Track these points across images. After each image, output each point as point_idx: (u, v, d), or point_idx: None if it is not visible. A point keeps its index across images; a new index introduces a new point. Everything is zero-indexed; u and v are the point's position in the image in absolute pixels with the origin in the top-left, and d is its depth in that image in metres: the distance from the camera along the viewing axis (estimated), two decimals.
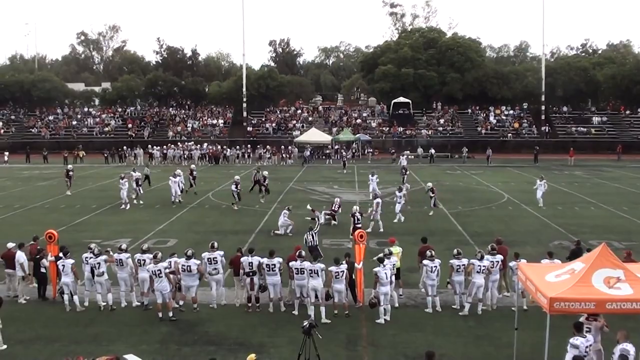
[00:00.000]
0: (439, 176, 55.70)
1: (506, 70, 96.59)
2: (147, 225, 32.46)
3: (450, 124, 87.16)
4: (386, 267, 18.40)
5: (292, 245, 23.67)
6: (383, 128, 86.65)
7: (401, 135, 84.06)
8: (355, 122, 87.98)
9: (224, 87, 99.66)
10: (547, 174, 55.72)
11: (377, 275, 18.22)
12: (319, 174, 56.85)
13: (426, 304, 19.29)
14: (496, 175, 56.10)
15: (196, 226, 32.38)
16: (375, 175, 43.36)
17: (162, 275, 18.53)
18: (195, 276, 19.21)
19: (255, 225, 32.42)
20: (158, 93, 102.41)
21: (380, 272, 18.22)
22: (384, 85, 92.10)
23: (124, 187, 38.46)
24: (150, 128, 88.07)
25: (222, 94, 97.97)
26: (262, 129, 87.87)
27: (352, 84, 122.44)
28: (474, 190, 46.72)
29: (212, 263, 19.71)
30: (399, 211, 32.91)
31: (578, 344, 12.90)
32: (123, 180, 38.60)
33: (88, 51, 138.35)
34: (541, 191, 38.64)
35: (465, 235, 30.05)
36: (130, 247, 26.29)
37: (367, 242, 21.11)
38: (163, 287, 18.51)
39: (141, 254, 19.77)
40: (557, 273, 13.52)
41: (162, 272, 18.56)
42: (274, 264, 19.04)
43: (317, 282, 18.44)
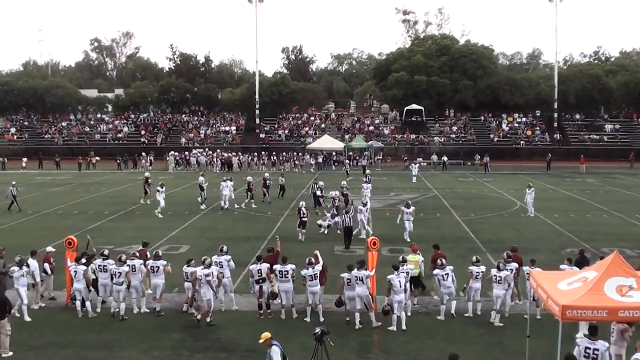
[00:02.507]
0: (451, 183, 55.65)
1: (519, 77, 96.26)
2: (159, 231, 32.57)
3: (462, 131, 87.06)
4: (400, 275, 18.36)
5: (305, 252, 23.72)
6: (395, 135, 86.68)
7: (414, 142, 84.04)
8: (367, 129, 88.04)
9: (236, 94, 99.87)
10: (559, 182, 55.78)
11: (391, 283, 18.21)
12: (332, 181, 56.79)
13: (439, 311, 19.26)
14: (508, 182, 55.93)
15: (209, 232, 32.48)
16: (369, 183, 42.27)
17: (203, 281, 18.60)
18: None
19: (268, 231, 32.46)
20: (171, 99, 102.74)
21: (394, 279, 18.21)
22: (396, 92, 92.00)
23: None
24: (163, 134, 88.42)
25: (235, 101, 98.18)
26: (274, 135, 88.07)
27: (364, 90, 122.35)
28: (486, 197, 46.62)
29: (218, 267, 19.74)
30: (409, 229, 30.43)
31: (582, 344, 13.00)
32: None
33: (101, 57, 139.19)
34: (530, 199, 38.39)
35: (477, 242, 29.99)
36: None
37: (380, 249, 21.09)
38: (204, 292, 18.60)
39: (154, 260, 19.84)
40: (569, 281, 13.50)
41: (210, 276, 18.63)
42: (287, 270, 19.06)
43: (362, 289, 18.48)
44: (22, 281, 19.09)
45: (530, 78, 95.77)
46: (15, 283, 19.06)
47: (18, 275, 19.03)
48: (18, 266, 19.17)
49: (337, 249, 27.57)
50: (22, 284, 19.03)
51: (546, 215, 37.68)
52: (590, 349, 13.04)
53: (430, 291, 21.10)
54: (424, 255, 21.35)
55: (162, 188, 39.07)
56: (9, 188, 40.38)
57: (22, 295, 18.99)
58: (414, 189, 51.05)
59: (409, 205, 30.73)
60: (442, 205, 41.58)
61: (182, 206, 40.43)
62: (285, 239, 29.26)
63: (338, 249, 27.63)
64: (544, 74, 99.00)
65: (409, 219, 30.17)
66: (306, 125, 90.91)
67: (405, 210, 30.40)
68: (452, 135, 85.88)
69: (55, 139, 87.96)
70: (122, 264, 19.44)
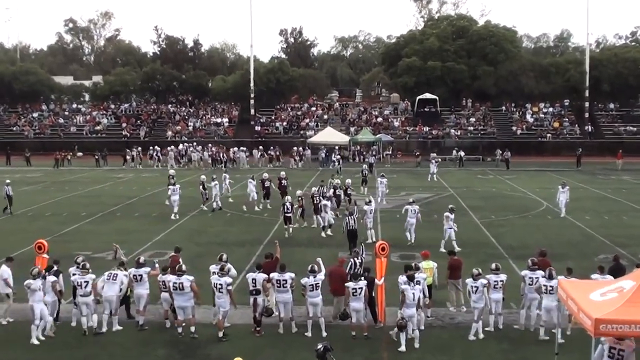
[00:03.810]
0: (468, 181, 55.61)
1: (545, 62, 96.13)
2: (143, 235, 32.55)
3: (481, 123, 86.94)
4: (415, 287, 18.13)
5: (305, 259, 23.66)
6: (407, 127, 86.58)
7: (427, 135, 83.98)
8: (375, 121, 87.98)
9: (229, 82, 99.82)
10: (591, 179, 55.67)
11: (405, 294, 18.00)
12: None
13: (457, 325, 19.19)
14: (533, 180, 55.84)
15: (198, 236, 32.45)
16: (384, 178, 43.96)
17: (223, 290, 18.56)
18: (188, 295, 18.84)
19: (264, 235, 32.45)
20: (156, 88, 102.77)
21: (408, 291, 17.98)
22: (407, 80, 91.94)
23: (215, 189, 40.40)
24: (146, 127, 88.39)
25: (227, 90, 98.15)
26: (271, 128, 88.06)
27: (372, 78, 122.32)
28: (508, 197, 46.55)
29: None
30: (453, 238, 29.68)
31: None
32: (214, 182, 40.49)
33: (77, 40, 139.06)
34: (564, 199, 38.34)
35: (498, 247, 29.92)
36: None
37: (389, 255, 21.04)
38: (222, 303, 18.55)
39: (136, 267, 19.76)
40: (603, 291, 13.41)
41: (224, 286, 18.58)
42: (285, 279, 18.97)
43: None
44: (38, 296, 18.57)
45: (558, 63, 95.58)
46: (30, 299, 18.63)
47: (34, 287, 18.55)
48: (34, 278, 18.65)
49: (341, 255, 27.46)
50: (37, 299, 18.54)
51: (576, 217, 37.59)
52: (616, 349, 12.98)
53: (447, 302, 21.04)
54: (439, 263, 21.28)
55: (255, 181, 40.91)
56: (4, 187, 40.05)
57: (37, 313, 18.50)
58: (427, 187, 50.98)
59: (452, 210, 29.98)
60: (459, 206, 41.38)
61: (168, 207, 40.33)
62: (284, 244, 29.22)
63: (342, 254, 27.54)
64: (573, 59, 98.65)
65: (452, 227, 29.28)
66: (307, 116, 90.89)
67: (449, 215, 29.44)
68: (469, 128, 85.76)
69: (25, 131, 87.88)
70: (87, 271, 19.24)
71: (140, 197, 45.99)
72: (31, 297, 18.50)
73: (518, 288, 19.65)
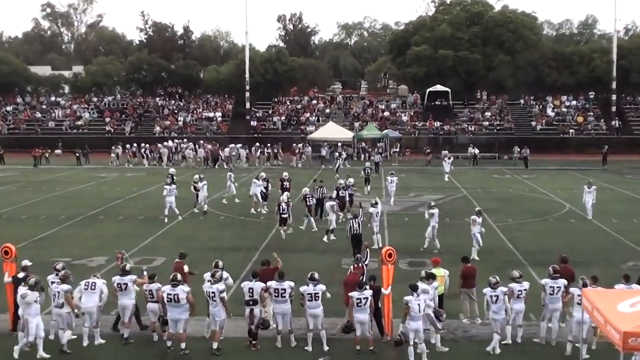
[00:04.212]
0: (483, 181, 55.65)
1: (568, 51, 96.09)
2: (128, 240, 32.40)
3: (497, 118, 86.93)
4: (420, 298, 18.06)
5: (305, 266, 23.63)
6: (416, 123, 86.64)
7: (438, 131, 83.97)
8: (382, 115, 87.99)
9: (222, 73, 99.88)
10: (618, 179, 55.67)
11: (408, 306, 17.90)
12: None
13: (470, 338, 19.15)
14: (554, 180, 55.84)
15: (189, 241, 32.28)
16: (394, 176, 44.14)
17: (216, 298, 18.52)
18: (184, 307, 18.77)
19: (260, 240, 32.45)
20: (142, 79, 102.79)
21: (412, 301, 17.87)
22: (417, 71, 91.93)
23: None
24: (132, 122, 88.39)
25: (221, 81, 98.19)
26: (268, 123, 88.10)
27: (378, 68, 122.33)
28: (526, 198, 46.53)
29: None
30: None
31: None
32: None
33: (55, 27, 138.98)
34: (590, 200, 38.32)
35: (516, 253, 29.91)
36: (107, 267, 26.43)
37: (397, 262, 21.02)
38: (217, 312, 18.53)
39: (121, 276, 19.70)
40: (633, 301, 13.39)
41: (216, 294, 18.54)
42: (284, 288, 18.93)
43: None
44: (34, 309, 18.24)
45: (582, 52, 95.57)
46: (25, 311, 18.31)
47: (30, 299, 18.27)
48: (31, 289, 18.37)
49: (344, 262, 27.47)
50: (33, 313, 18.25)
51: (602, 220, 37.55)
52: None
53: (460, 313, 21.00)
54: (451, 270, 21.24)
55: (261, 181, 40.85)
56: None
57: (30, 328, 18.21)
58: (438, 188, 50.97)
59: (479, 213, 30.18)
60: (473, 208, 41.38)
61: (157, 209, 40.32)
62: (282, 250, 29.18)
63: (346, 261, 27.52)
64: (599, 47, 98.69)
65: (480, 231, 29.50)
66: (307, 110, 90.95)
67: (475, 219, 29.53)
68: (484, 123, 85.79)
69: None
70: (62, 281, 19.02)
71: (126, 198, 45.98)
72: (26, 310, 18.19)
73: (538, 298, 19.61)
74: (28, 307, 18.20)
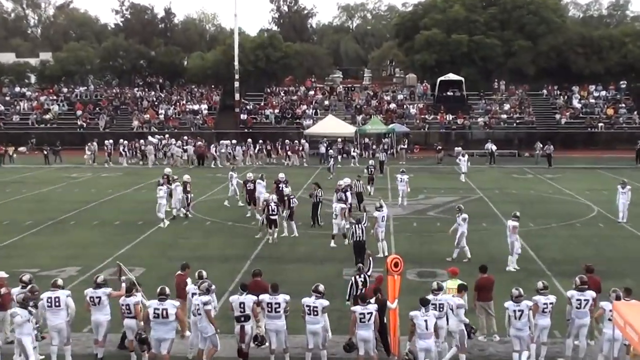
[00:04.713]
0: (501, 181, 55.63)
1: (596, 35, 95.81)
2: (102, 248, 32.36)
3: (517, 110, 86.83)
4: (428, 313, 17.92)
5: (302, 278, 23.59)
6: (426, 116, 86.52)
7: (450, 125, 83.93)
8: (387, 108, 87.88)
9: (208, 60, 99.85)
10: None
11: (414, 322, 17.85)
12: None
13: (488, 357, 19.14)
14: (582, 180, 55.78)
15: (171, 250, 32.30)
16: (405, 174, 44.15)
17: (201, 312, 18.48)
18: (171, 325, 18.60)
19: (251, 249, 32.36)
20: (118, 67, 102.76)
21: (417, 318, 17.80)
22: (427, 57, 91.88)
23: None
24: (107, 116, 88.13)
25: (207, 70, 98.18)
26: (260, 117, 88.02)
27: (383, 55, 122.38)
28: (550, 200, 46.47)
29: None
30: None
31: None
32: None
33: (20, 9, 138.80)
34: (624, 202, 38.33)
35: (538, 262, 29.89)
36: (79, 278, 26.40)
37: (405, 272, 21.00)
38: (204, 327, 18.48)
39: (95, 288, 19.64)
40: None
41: (200, 307, 18.48)
42: (278, 302, 18.88)
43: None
44: (27, 328, 18.08)
45: (612, 36, 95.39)
46: (17, 330, 18.17)
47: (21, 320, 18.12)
48: (21, 306, 18.24)
49: (345, 272, 27.43)
50: (26, 332, 18.08)
51: (636, 225, 37.55)
52: None
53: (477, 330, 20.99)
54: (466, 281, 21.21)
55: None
56: None
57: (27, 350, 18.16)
58: (451, 189, 50.82)
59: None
60: (490, 212, 41.48)
61: (135, 214, 40.27)
62: (276, 260, 29.26)
63: (347, 272, 27.49)
64: (632, 30, 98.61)
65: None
66: (303, 102, 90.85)
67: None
68: (502, 116, 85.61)
69: None
70: (21, 305, 18.91)
71: (100, 201, 45.86)
72: (18, 329, 18.06)
73: (562, 312, 19.58)
74: (20, 327, 18.03)
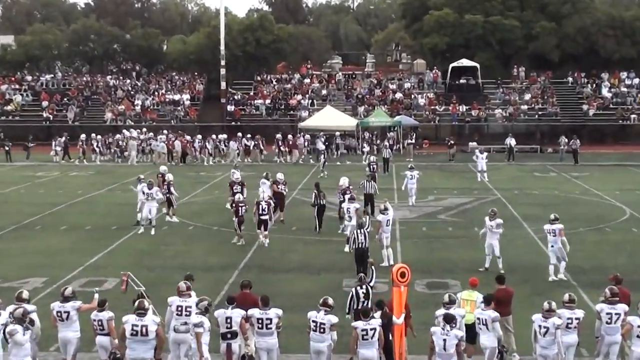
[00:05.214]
0: (521, 180, 55.70)
1: (628, 15, 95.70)
2: (71, 256, 32.36)
3: (539, 100, 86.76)
4: (450, 332, 17.59)
5: (296, 289, 23.58)
6: (436, 107, 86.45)
7: (464, 117, 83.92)
8: (393, 98, 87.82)
9: (191, 45, 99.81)
10: None
11: (432, 339, 17.74)
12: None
13: None
14: (612, 179, 55.76)
15: (149, 259, 32.25)
16: (415, 171, 44.21)
17: (192, 334, 18.41)
18: (151, 344, 18.48)
19: (239, 257, 32.35)
20: (89, 53, 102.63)
21: (436, 335, 17.64)
22: (437, 41, 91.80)
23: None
24: (77, 107, 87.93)
25: (189, 55, 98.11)
26: (249, 108, 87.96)
27: (388, 38, 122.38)
28: (576, 202, 46.48)
29: (181, 314, 19.49)
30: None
31: None
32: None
33: None
34: None
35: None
36: (45, 290, 26.37)
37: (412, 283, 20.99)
38: (193, 351, 18.48)
39: (62, 302, 19.60)
40: None
41: (200, 327, 18.22)
42: (269, 318, 18.82)
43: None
44: (24, 350, 17.83)
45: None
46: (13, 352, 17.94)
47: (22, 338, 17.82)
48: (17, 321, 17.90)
49: (346, 283, 27.43)
50: (23, 354, 17.82)
51: None
52: None
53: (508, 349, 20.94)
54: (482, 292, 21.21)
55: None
56: None
57: None
58: (464, 190, 50.83)
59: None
60: (508, 215, 41.28)
61: (107, 218, 40.25)
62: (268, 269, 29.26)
63: (348, 283, 27.49)
64: None
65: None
66: (298, 91, 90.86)
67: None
68: (523, 107, 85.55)
69: None
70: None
71: (69, 203, 45.82)
72: (14, 350, 17.84)
73: (590, 328, 19.57)
74: (18, 349, 17.80)
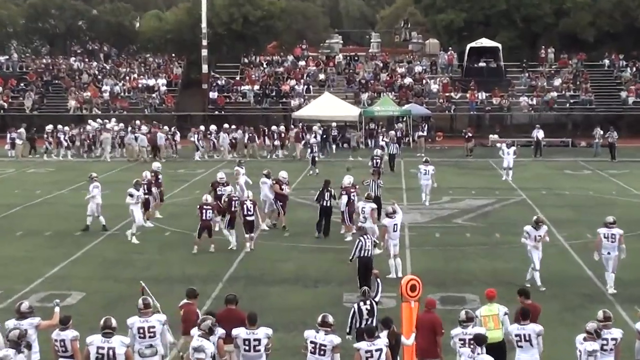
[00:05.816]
0: (550, 179, 55.86)
1: None
2: (29, 266, 32.39)
3: (571, 86, 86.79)
4: (479, 356, 17.39)
5: (288, 304, 23.58)
6: (451, 94, 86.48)
7: (483, 106, 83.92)
8: (402, 83, 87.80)
9: (167, 22, 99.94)
10: None
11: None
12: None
13: None
14: None
15: (118, 269, 32.24)
16: (430, 165, 44.19)
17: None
18: None
19: (224, 267, 32.36)
20: (50, 31, 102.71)
21: (464, 356, 17.52)
22: (452, 17, 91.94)
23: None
24: (35, 94, 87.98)
25: (165, 34, 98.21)
26: (235, 95, 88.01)
27: (395, 14, 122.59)
28: (614, 203, 46.44)
29: (145, 336, 19.46)
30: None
31: None
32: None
33: None
34: None
35: (598, 284, 29.80)
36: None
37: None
38: None
39: (18, 319, 19.59)
40: None
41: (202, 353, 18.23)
42: (257, 338, 18.80)
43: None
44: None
45: None
46: None
47: None
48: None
49: (346, 298, 27.44)
50: None
51: None
52: None
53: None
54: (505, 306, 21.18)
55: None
56: None
57: None
58: (484, 189, 50.97)
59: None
60: (562, 218, 41.48)
61: (70, 222, 40.26)
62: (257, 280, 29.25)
63: (349, 297, 27.50)
64: None
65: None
66: (292, 76, 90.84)
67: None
68: (552, 94, 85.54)
69: None
70: None
71: (26, 205, 45.88)
72: None
73: (630, 350, 19.56)
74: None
